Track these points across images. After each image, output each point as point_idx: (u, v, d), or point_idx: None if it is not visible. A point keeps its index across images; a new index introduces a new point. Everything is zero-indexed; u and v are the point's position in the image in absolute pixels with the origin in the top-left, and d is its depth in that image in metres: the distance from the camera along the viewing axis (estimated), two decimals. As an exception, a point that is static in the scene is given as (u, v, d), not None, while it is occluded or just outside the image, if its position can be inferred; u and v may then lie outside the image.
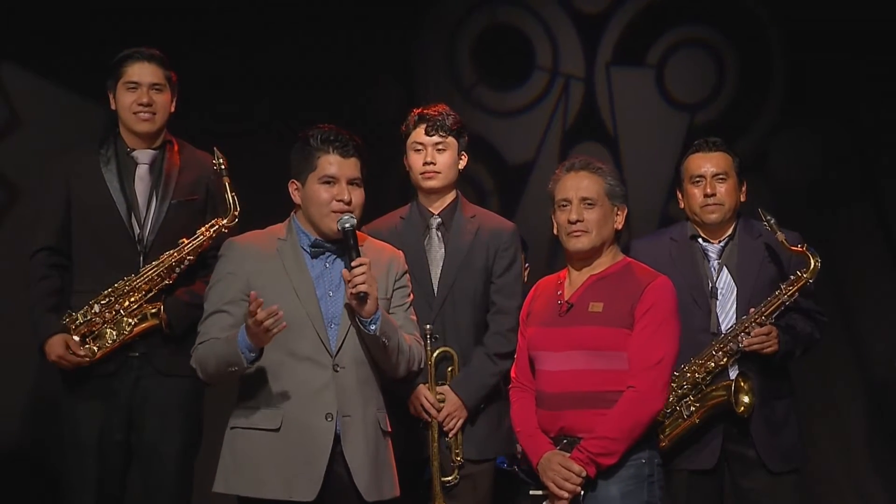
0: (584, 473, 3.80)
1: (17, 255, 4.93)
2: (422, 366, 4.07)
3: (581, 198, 3.93)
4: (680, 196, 4.71)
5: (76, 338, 4.45)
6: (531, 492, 4.02)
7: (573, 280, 3.98)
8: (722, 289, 4.56)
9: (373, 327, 3.78)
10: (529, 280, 4.68)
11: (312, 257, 3.88)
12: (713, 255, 4.62)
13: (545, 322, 3.96)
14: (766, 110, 6.40)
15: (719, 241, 4.62)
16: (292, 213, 3.96)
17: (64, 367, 4.48)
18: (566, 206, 3.96)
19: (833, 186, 6.29)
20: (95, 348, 4.47)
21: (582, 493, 3.82)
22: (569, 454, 3.83)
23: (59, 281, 4.57)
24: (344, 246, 3.82)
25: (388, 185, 5.70)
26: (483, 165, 6.33)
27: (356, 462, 3.79)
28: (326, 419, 3.77)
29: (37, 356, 4.55)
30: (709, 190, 4.57)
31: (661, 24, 6.46)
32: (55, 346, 4.45)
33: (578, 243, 3.94)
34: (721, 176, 4.59)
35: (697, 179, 4.61)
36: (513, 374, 4.10)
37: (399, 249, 4.17)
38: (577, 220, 3.92)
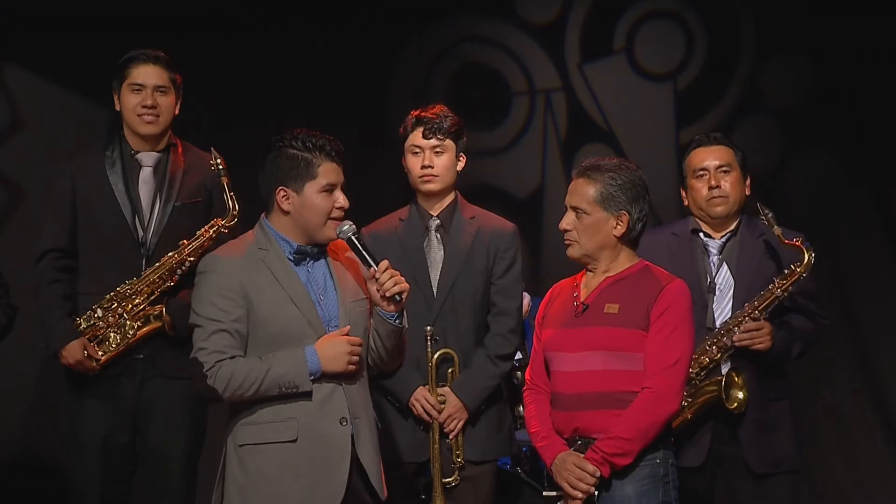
0: (598, 473, 3.77)
1: (20, 256, 4.99)
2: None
3: (571, 206, 3.94)
4: (684, 193, 4.60)
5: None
6: (545, 493, 4.05)
7: (589, 282, 3.96)
8: (720, 284, 4.49)
9: (399, 322, 3.81)
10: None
11: (295, 264, 3.82)
12: (713, 251, 4.54)
13: (561, 323, 3.93)
14: (744, 53, 6.38)
15: (721, 237, 4.55)
16: (262, 218, 3.85)
17: (79, 371, 4.48)
18: (565, 212, 3.99)
19: (820, 115, 6.30)
20: (100, 353, 4.47)
21: (596, 493, 3.81)
22: (583, 455, 3.82)
23: (70, 285, 4.55)
24: (354, 252, 3.81)
25: (388, 186, 5.65)
26: (496, 209, 6.26)
27: (368, 462, 3.79)
28: (341, 424, 3.74)
29: (38, 357, 4.53)
30: (713, 182, 4.48)
31: (616, 9, 6.46)
32: (74, 351, 4.45)
33: (568, 251, 3.96)
34: (724, 168, 4.49)
35: (701, 173, 4.51)
36: (527, 377, 4.07)
37: (399, 251, 4.21)
38: (566, 230, 3.94)
